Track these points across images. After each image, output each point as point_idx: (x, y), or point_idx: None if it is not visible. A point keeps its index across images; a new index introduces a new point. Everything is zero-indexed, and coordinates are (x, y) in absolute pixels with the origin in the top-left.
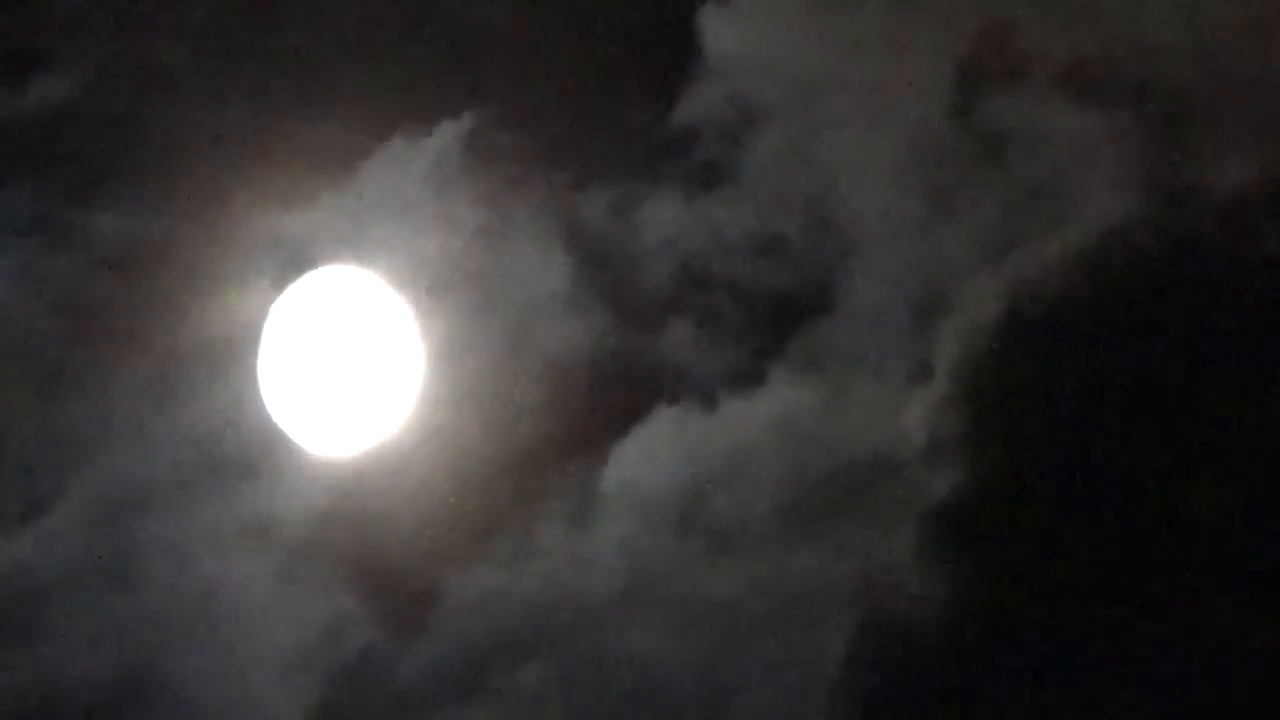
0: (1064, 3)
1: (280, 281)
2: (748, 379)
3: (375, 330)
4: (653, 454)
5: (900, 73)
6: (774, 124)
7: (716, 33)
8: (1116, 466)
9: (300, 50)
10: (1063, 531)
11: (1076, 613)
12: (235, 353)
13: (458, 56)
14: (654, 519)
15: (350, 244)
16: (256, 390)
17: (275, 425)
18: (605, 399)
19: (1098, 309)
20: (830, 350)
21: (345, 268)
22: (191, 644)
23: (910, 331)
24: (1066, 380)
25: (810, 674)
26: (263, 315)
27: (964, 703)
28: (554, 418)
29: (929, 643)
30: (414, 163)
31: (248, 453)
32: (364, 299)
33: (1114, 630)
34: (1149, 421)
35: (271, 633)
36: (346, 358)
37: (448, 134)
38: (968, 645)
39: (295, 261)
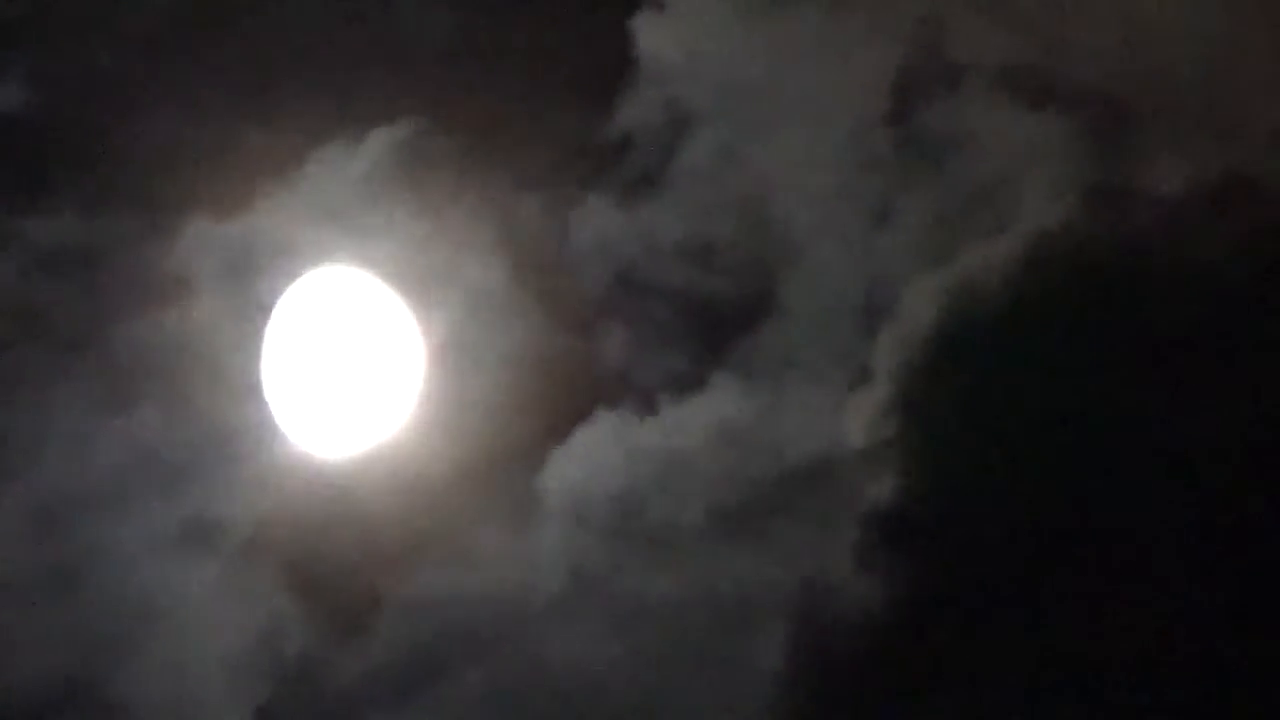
0: (999, 8)
1: (220, 285)
2: (688, 384)
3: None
4: (592, 458)
5: (836, 78)
6: (708, 129)
7: (650, 39)
8: (1054, 469)
9: (237, 57)
10: (1000, 534)
11: (1013, 614)
12: (174, 359)
13: (393, 63)
14: (593, 523)
15: (287, 248)
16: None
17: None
18: (543, 403)
19: (1036, 312)
20: (770, 355)
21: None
22: (134, 649)
23: (850, 336)
24: (1005, 383)
25: (749, 677)
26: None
27: (901, 704)
28: (492, 422)
29: (866, 645)
30: (350, 168)
31: (195, 456)
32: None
33: (1050, 631)
34: (1086, 423)
35: (214, 637)
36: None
37: (383, 140)
38: (905, 647)
39: (234, 265)
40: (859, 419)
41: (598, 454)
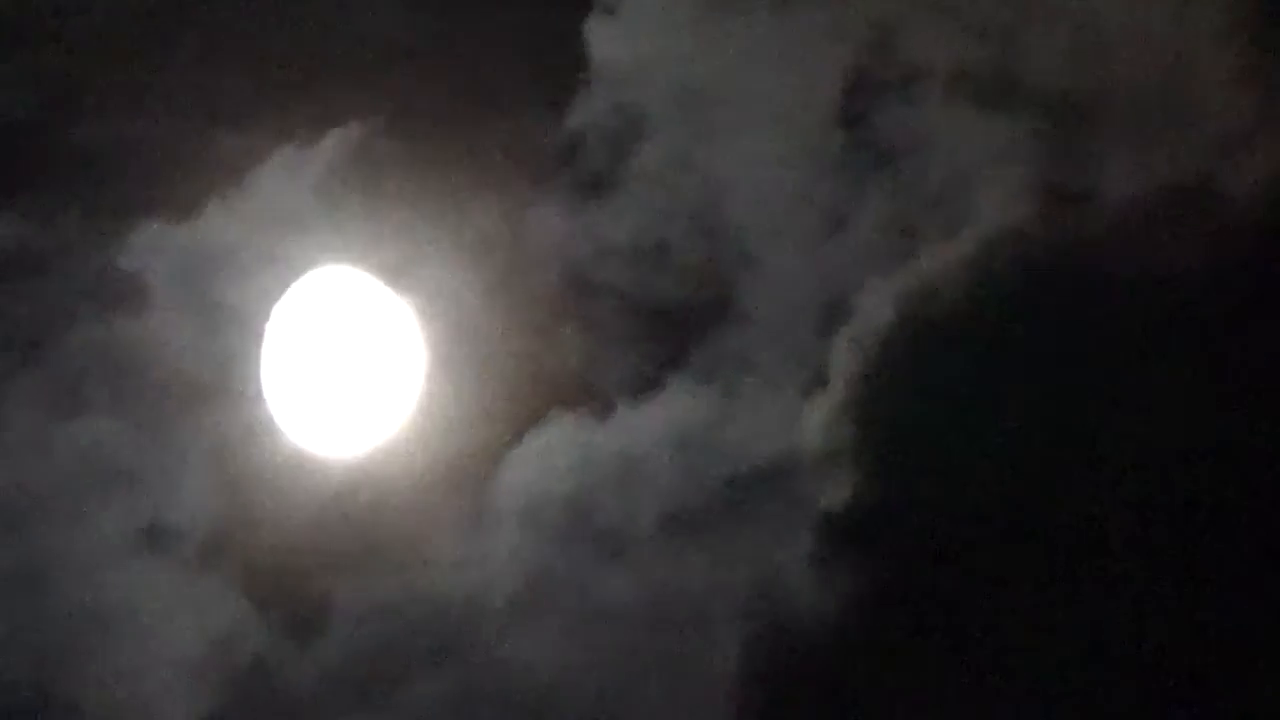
0: (953, 12)
1: (174, 288)
2: (644, 386)
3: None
4: (546, 461)
5: (789, 81)
6: (661, 133)
7: (603, 42)
8: (1009, 472)
9: (191, 60)
10: (955, 537)
11: (968, 617)
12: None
13: (348, 66)
14: (547, 526)
15: (238, 252)
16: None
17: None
18: (498, 405)
19: (992, 315)
20: (726, 359)
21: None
22: (89, 654)
23: (806, 340)
24: (961, 386)
25: (704, 680)
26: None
27: (856, 706)
28: (447, 423)
29: (822, 648)
30: (304, 171)
31: (150, 461)
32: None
33: (1005, 632)
34: (1042, 425)
35: (169, 642)
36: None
37: (338, 142)
38: (860, 650)
39: (187, 268)
40: (815, 422)
41: (552, 456)
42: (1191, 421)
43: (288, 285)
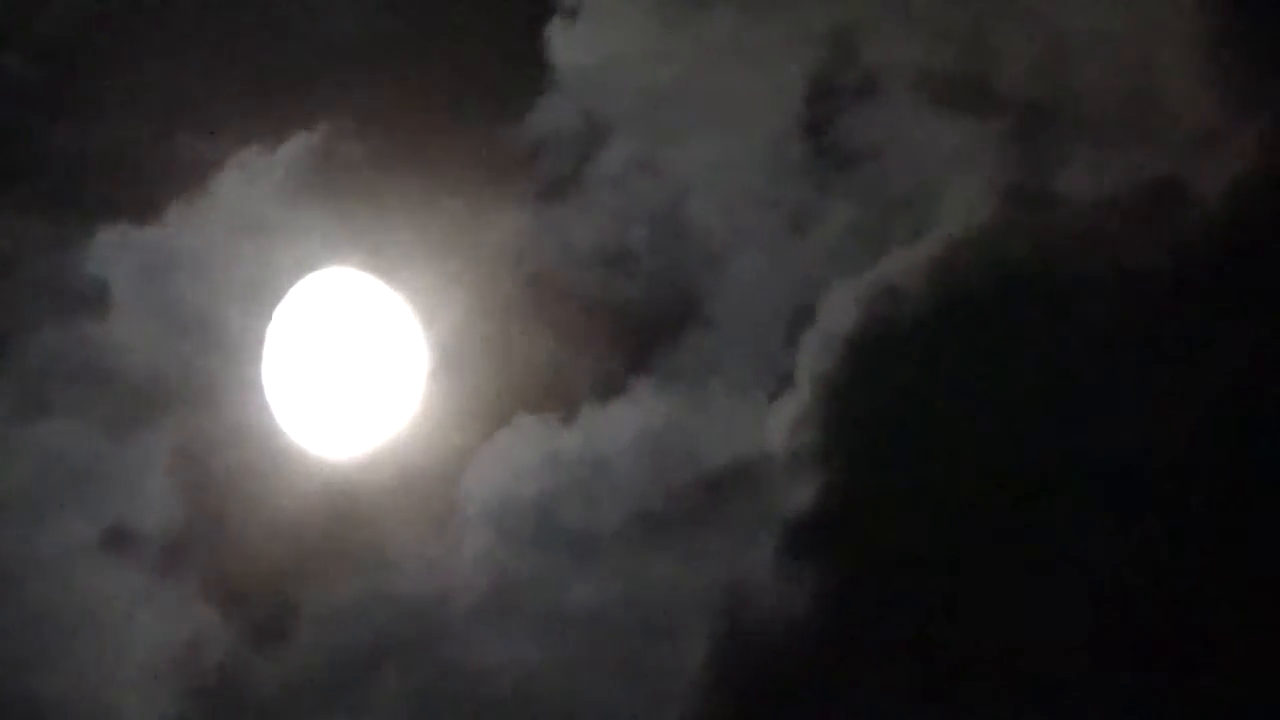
0: (915, 15)
1: (136, 290)
2: (609, 390)
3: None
4: (512, 463)
5: (752, 85)
6: (623, 136)
7: (565, 46)
8: (974, 473)
9: (151, 62)
10: (920, 538)
11: (932, 617)
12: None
13: (310, 68)
14: (513, 529)
15: (202, 256)
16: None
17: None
18: (463, 408)
19: (957, 317)
20: (692, 362)
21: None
22: (54, 657)
23: (771, 343)
24: (926, 388)
25: (670, 681)
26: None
27: (822, 706)
28: (410, 426)
29: (787, 649)
30: (266, 174)
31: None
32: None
33: (969, 632)
34: (1007, 426)
35: (132, 645)
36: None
37: (300, 145)
38: (825, 650)
39: (150, 270)
40: (781, 425)
41: (518, 459)
42: (1157, 420)
43: (249, 287)
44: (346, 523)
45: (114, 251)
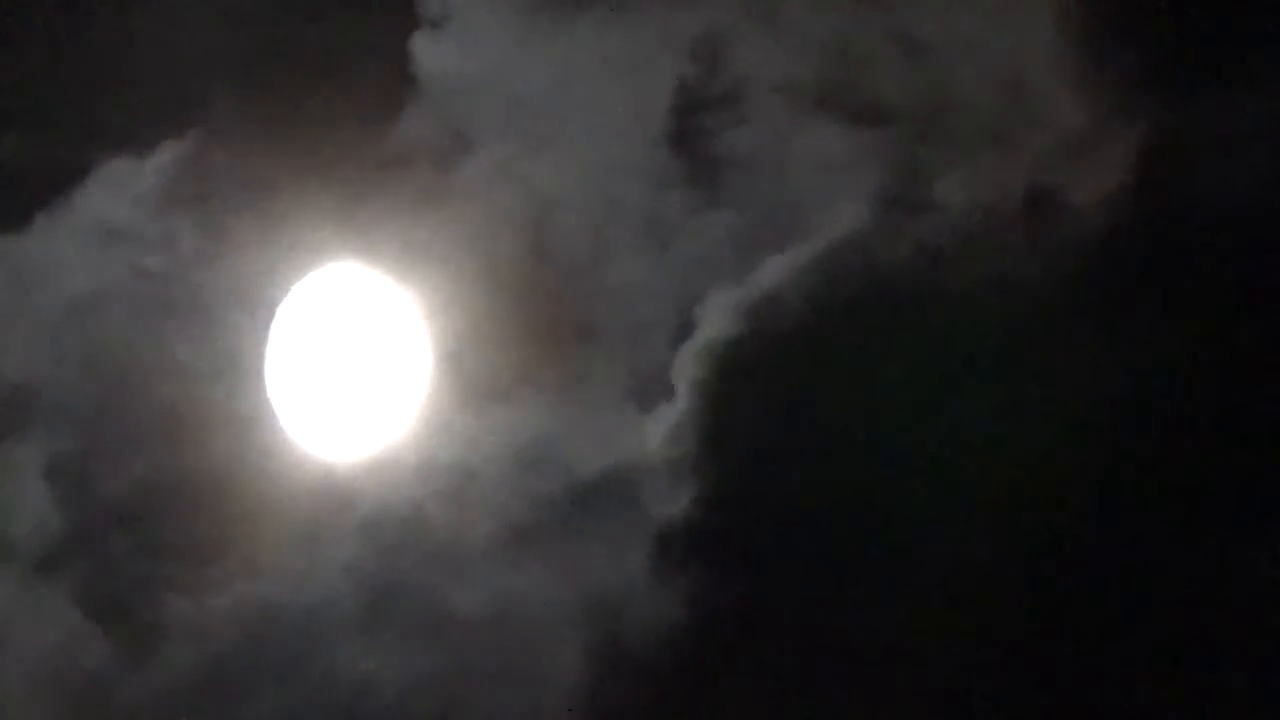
0: (783, 24)
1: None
2: (483, 398)
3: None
4: (387, 472)
5: (619, 95)
6: (487, 147)
7: (431, 57)
8: (851, 481)
9: (14, 68)
10: (796, 546)
11: (808, 626)
12: None
13: (179, 77)
14: (387, 538)
15: (67, 265)
16: None
17: None
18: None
19: (833, 326)
20: (567, 371)
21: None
22: None
23: (648, 353)
24: (803, 396)
25: (546, 691)
26: None
27: (696, 715)
28: (281, 435)
29: (663, 657)
30: (132, 183)
31: None
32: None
33: (847, 641)
34: (884, 434)
35: (5, 656)
36: None
37: (168, 154)
38: (701, 659)
39: (12, 281)
40: (657, 434)
41: (392, 468)
42: (1031, 427)
43: (112, 295)
44: (213, 533)
45: None
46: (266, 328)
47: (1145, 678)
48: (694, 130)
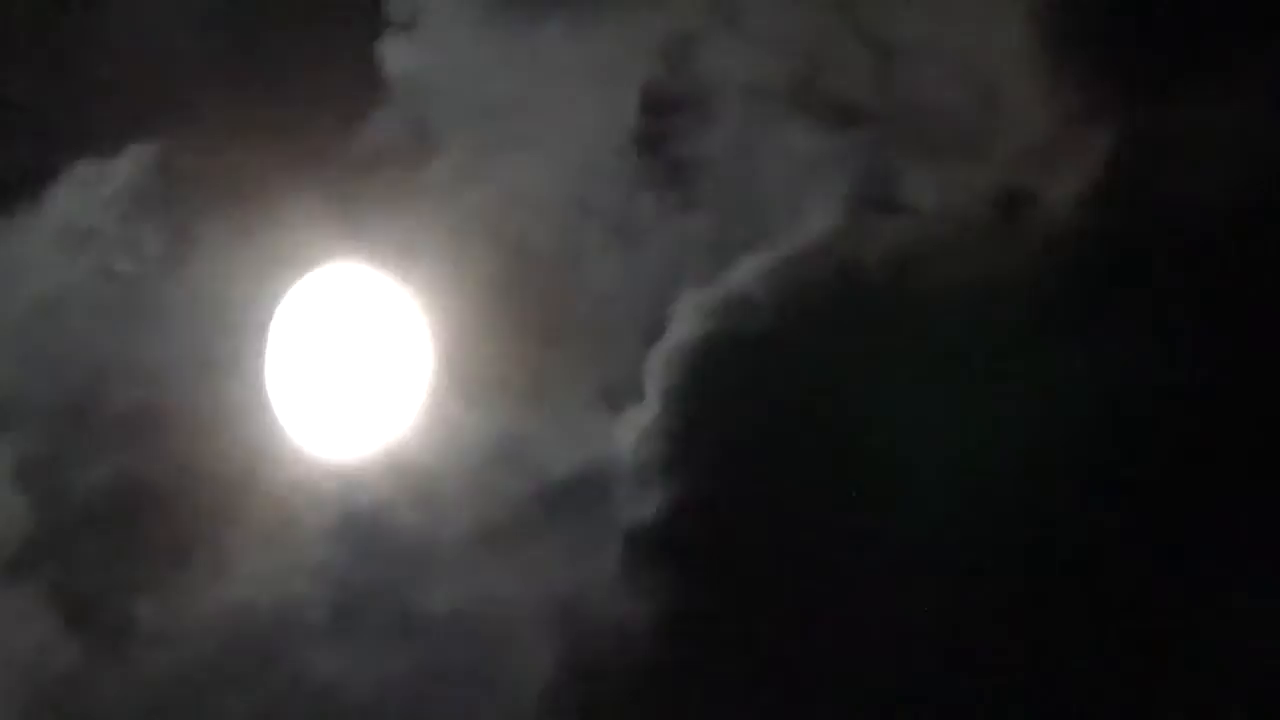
0: (751, 26)
1: None
2: (450, 400)
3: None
4: (354, 474)
5: (587, 95)
6: (454, 149)
7: (398, 59)
8: (822, 486)
9: None
10: (767, 551)
11: (780, 631)
12: None
13: (147, 79)
14: (356, 539)
15: (35, 270)
16: None
17: None
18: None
19: (805, 327)
20: (536, 373)
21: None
22: None
23: (618, 355)
24: (773, 399)
25: (515, 694)
26: None
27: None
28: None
29: (633, 662)
30: (102, 186)
31: None
32: None
33: (819, 646)
34: (855, 438)
35: None
36: None
37: (137, 157)
38: (671, 664)
39: None
40: (627, 436)
41: (359, 470)
42: (1006, 431)
43: (77, 301)
44: (182, 535)
45: None
46: (238, 332)
47: (1133, 680)
48: (664, 132)
